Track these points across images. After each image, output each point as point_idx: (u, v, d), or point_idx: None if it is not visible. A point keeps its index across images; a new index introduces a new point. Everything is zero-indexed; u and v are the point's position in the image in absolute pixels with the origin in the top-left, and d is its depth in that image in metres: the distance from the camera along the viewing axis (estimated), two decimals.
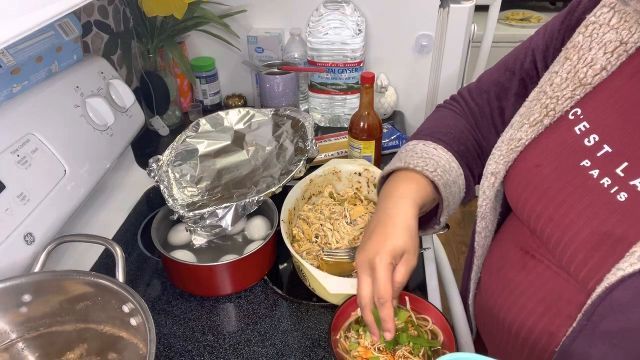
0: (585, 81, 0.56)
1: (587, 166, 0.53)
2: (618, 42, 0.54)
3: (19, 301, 0.61)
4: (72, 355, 0.64)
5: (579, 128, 0.56)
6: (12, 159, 0.71)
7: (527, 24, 2.21)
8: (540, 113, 0.60)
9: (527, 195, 0.60)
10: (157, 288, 0.85)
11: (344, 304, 0.72)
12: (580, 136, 0.55)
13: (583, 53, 0.56)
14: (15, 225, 0.69)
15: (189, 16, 1.17)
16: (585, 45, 0.56)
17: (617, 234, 0.49)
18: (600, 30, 0.55)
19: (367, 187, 0.96)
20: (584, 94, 0.57)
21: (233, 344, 0.74)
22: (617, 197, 0.50)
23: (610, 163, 0.52)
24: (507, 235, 0.68)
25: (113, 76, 0.97)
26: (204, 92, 1.36)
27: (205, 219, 0.80)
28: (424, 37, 1.27)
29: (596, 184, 0.52)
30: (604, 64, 0.55)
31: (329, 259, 0.83)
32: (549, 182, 0.57)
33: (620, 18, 0.54)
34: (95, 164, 0.87)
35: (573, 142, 0.56)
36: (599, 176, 0.52)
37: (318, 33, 1.20)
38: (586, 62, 0.56)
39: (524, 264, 0.61)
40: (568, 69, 0.58)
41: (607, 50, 0.54)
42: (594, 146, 0.54)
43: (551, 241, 0.56)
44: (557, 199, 0.55)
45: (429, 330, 0.71)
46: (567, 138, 0.57)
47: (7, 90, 0.74)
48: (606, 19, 0.55)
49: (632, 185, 0.50)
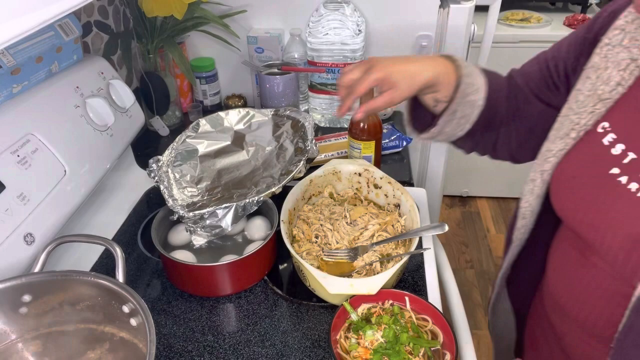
0: (604, 97, 0.62)
1: (617, 173, 0.58)
2: (630, 59, 0.60)
3: (19, 301, 0.61)
4: (72, 355, 0.64)
5: (607, 140, 0.61)
6: (12, 159, 0.71)
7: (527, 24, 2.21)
8: (567, 127, 0.66)
9: (569, 204, 0.65)
10: (157, 288, 0.85)
11: (344, 304, 0.72)
12: (607, 147, 0.60)
13: (600, 72, 0.62)
14: (15, 226, 0.69)
15: (189, 16, 1.17)
16: (602, 65, 0.62)
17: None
18: (613, 50, 0.61)
19: (367, 188, 0.96)
20: (605, 108, 0.62)
21: (233, 344, 0.74)
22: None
23: (637, 169, 0.57)
24: (563, 238, 0.72)
25: (113, 76, 0.97)
26: (204, 93, 1.36)
27: (205, 219, 0.80)
28: (424, 37, 1.27)
29: (625, 189, 0.57)
30: (619, 79, 0.60)
31: (329, 259, 0.83)
32: (585, 191, 0.62)
33: (631, 38, 0.60)
34: (95, 164, 0.87)
35: (602, 152, 0.61)
36: (627, 182, 0.57)
37: (318, 33, 1.20)
38: (603, 80, 0.62)
39: (582, 263, 0.66)
40: (589, 87, 0.63)
41: (621, 68, 0.60)
42: (620, 155, 0.59)
43: (595, 245, 0.61)
44: (593, 206, 0.60)
45: (429, 330, 0.72)
46: (597, 150, 0.62)
47: (7, 90, 0.74)
48: (618, 40, 0.61)
49: None
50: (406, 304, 0.75)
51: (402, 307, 0.74)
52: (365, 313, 0.74)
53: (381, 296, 0.74)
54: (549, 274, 0.76)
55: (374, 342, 0.69)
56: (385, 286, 0.73)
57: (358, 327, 0.71)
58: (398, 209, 0.92)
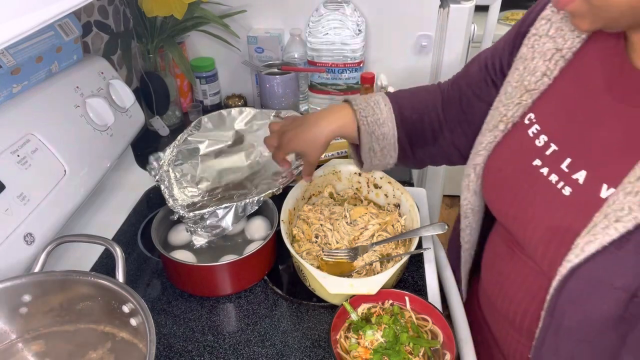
0: (530, 87, 0.62)
1: (539, 165, 0.59)
2: (555, 49, 0.59)
3: (19, 301, 0.61)
4: (72, 355, 0.64)
5: (531, 131, 0.61)
6: (12, 159, 0.71)
7: None
8: (497, 119, 0.66)
9: (495, 197, 0.66)
10: (157, 288, 0.84)
11: (344, 304, 0.72)
12: (532, 138, 0.61)
13: (527, 63, 0.62)
14: (15, 226, 0.69)
15: (189, 16, 1.17)
16: (529, 55, 0.62)
17: (565, 226, 0.54)
18: (540, 40, 0.61)
19: (367, 187, 0.96)
20: (532, 99, 0.62)
21: (233, 344, 0.74)
22: (562, 192, 0.55)
23: (557, 160, 0.57)
24: (496, 232, 0.73)
25: (113, 76, 0.97)
26: (204, 93, 1.36)
27: (206, 220, 0.80)
28: (424, 37, 1.27)
29: (546, 181, 0.57)
30: (544, 70, 0.60)
31: (329, 259, 0.83)
32: (510, 184, 0.62)
33: (557, 28, 0.60)
34: (95, 164, 0.87)
35: (527, 144, 0.61)
36: (548, 174, 0.57)
37: (318, 33, 1.20)
38: (530, 70, 0.62)
39: (510, 256, 0.66)
40: (517, 78, 0.64)
41: (546, 58, 0.60)
42: (543, 146, 0.59)
43: (519, 239, 0.62)
44: (516, 198, 0.61)
45: (429, 330, 0.72)
46: (523, 141, 0.62)
47: (7, 90, 0.74)
48: (545, 30, 0.61)
49: (574, 179, 0.55)
50: (406, 304, 0.75)
51: (402, 307, 0.74)
52: (365, 313, 0.74)
53: (381, 296, 0.74)
54: (482, 271, 0.77)
55: (374, 342, 0.69)
56: (385, 286, 0.73)
57: (358, 327, 0.71)
58: (398, 209, 0.92)
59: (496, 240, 0.71)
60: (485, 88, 0.73)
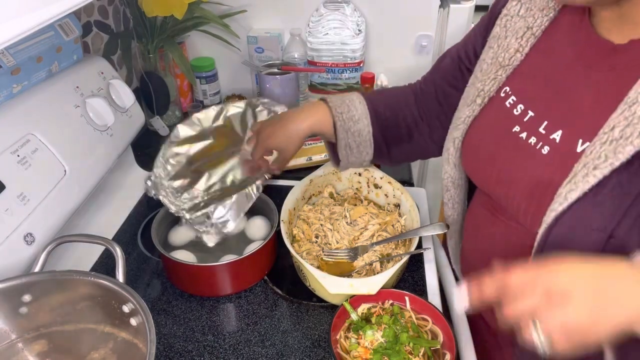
0: (504, 63, 0.67)
1: (517, 131, 0.64)
2: (526, 28, 0.65)
3: (19, 301, 0.61)
4: (72, 355, 0.64)
5: (508, 102, 0.66)
6: (12, 159, 0.71)
7: None
8: (473, 94, 0.71)
9: (477, 165, 0.71)
10: (157, 288, 0.84)
11: (344, 304, 0.72)
12: (509, 108, 0.66)
13: (501, 41, 0.68)
14: (15, 225, 0.69)
15: (189, 16, 1.17)
16: (502, 34, 0.68)
17: (546, 179, 0.59)
18: (512, 20, 0.67)
19: (367, 188, 0.96)
20: (506, 74, 0.67)
21: (233, 344, 0.74)
22: (541, 151, 0.61)
23: (534, 124, 0.62)
24: (477, 201, 0.78)
25: (113, 76, 0.97)
26: (204, 92, 1.36)
27: (211, 218, 0.80)
28: (424, 37, 1.27)
29: (525, 143, 0.63)
30: (517, 47, 0.66)
31: (329, 259, 0.83)
32: (491, 150, 0.67)
33: (527, 8, 0.66)
34: (95, 164, 0.87)
35: (505, 114, 0.66)
36: (527, 137, 0.63)
37: (318, 33, 1.20)
38: (503, 48, 0.67)
39: (492, 221, 0.71)
40: (491, 55, 0.69)
41: (519, 36, 0.66)
42: (521, 114, 0.64)
43: (501, 200, 0.67)
44: (498, 162, 0.66)
45: (429, 330, 0.72)
46: (501, 112, 0.67)
47: (7, 90, 0.74)
48: (516, 11, 0.67)
49: (552, 139, 0.60)
50: (406, 304, 0.75)
51: (402, 307, 0.74)
52: (365, 313, 0.74)
53: (381, 296, 0.74)
54: (465, 239, 0.81)
55: (374, 342, 0.69)
56: (385, 286, 0.73)
57: (358, 327, 0.71)
58: (398, 209, 0.92)
59: (477, 209, 0.76)
60: (460, 77, 0.78)
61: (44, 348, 0.64)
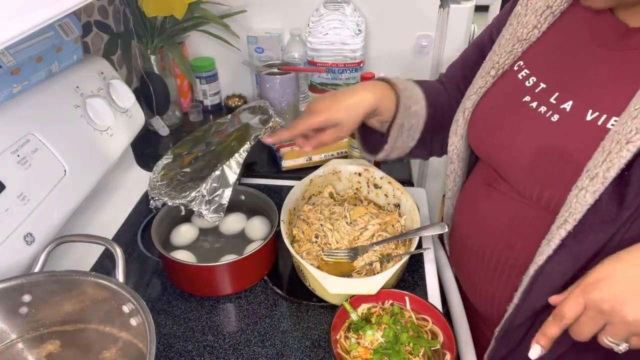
0: (522, 37, 0.70)
1: (528, 100, 0.66)
2: (546, 7, 0.68)
3: (19, 301, 0.61)
4: (73, 355, 0.64)
5: (521, 75, 0.69)
6: (12, 159, 0.71)
7: None
8: (489, 66, 0.73)
9: (485, 133, 0.72)
10: (157, 288, 0.85)
11: (344, 304, 0.72)
12: (522, 80, 0.69)
13: (521, 18, 0.70)
14: (15, 225, 0.69)
15: (189, 16, 1.17)
16: (522, 12, 0.70)
17: (554, 144, 0.61)
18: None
19: (367, 188, 0.96)
20: (522, 49, 0.70)
21: (233, 344, 0.74)
22: (551, 119, 0.63)
23: (545, 95, 0.65)
24: (474, 176, 0.79)
25: (113, 76, 0.97)
26: (204, 92, 1.36)
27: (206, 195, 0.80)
28: (424, 37, 1.27)
29: (535, 112, 0.65)
30: (535, 23, 0.69)
31: (329, 259, 0.83)
32: (501, 118, 0.69)
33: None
34: (95, 164, 0.87)
35: (517, 85, 0.69)
36: (537, 107, 0.65)
37: (318, 33, 1.20)
38: (522, 24, 0.70)
39: (488, 194, 0.72)
40: (510, 31, 0.71)
41: (538, 14, 0.69)
42: (532, 86, 0.67)
43: (504, 167, 0.68)
44: (507, 130, 0.68)
45: (429, 330, 0.72)
46: (513, 83, 0.70)
47: (7, 90, 0.74)
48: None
49: (562, 109, 0.62)
50: (406, 304, 0.75)
51: (402, 307, 0.74)
52: (365, 313, 0.74)
53: (381, 296, 0.74)
54: (456, 214, 0.82)
55: (374, 342, 0.69)
56: (385, 286, 0.73)
57: (358, 327, 0.71)
58: (398, 209, 0.92)
59: (473, 184, 0.78)
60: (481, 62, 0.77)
61: (43, 348, 0.64)
